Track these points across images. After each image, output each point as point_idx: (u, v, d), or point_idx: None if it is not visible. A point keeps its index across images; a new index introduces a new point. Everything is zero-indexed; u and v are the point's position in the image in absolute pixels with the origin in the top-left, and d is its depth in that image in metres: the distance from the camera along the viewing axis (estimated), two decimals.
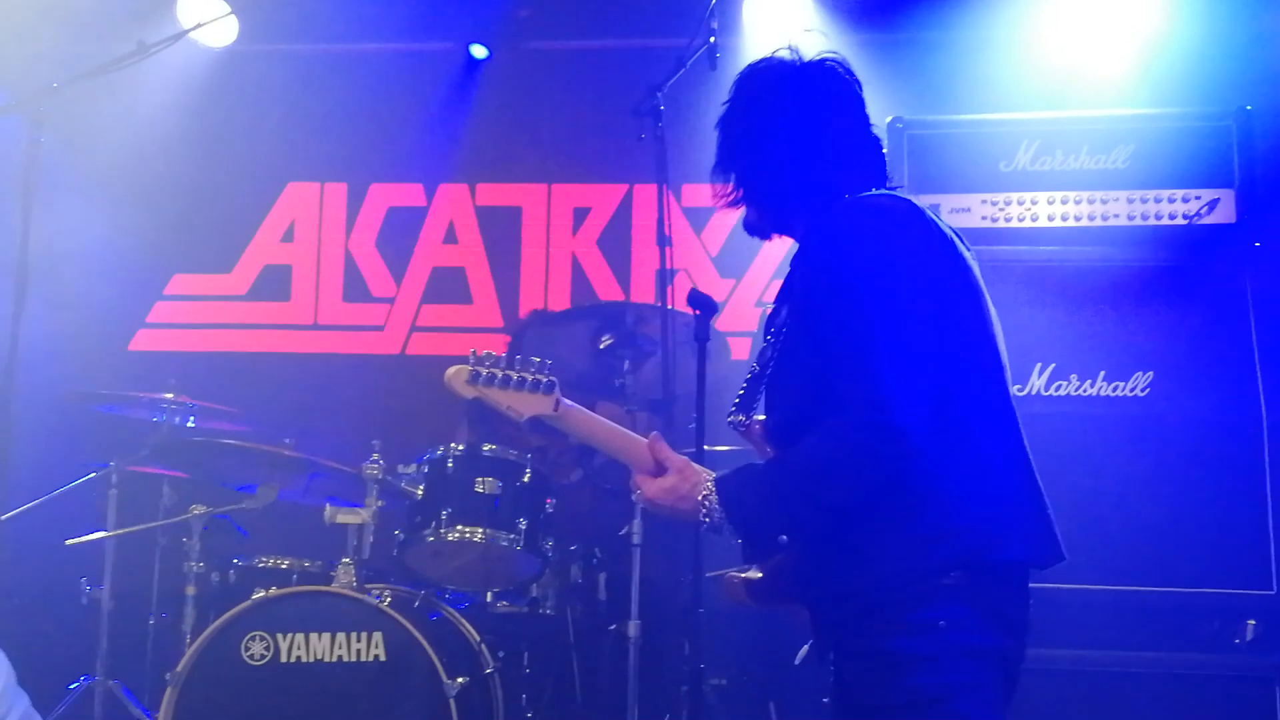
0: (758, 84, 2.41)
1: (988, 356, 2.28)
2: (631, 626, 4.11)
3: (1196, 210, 3.71)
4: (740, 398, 2.47)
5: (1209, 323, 3.60)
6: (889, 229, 2.22)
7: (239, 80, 5.86)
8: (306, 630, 3.69)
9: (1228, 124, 3.78)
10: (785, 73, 2.41)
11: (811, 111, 2.37)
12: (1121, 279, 3.66)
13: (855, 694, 2.23)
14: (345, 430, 5.01)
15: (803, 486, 2.17)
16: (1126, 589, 3.41)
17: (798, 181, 2.36)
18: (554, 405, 2.30)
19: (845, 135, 2.39)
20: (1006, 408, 2.28)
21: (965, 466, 2.17)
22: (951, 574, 2.14)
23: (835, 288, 2.20)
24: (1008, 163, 3.85)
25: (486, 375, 2.27)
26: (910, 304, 2.16)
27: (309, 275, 5.99)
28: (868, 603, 2.18)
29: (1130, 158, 3.80)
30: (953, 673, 2.14)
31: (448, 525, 4.12)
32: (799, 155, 2.35)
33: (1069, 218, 3.79)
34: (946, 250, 2.27)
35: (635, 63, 5.01)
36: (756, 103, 2.39)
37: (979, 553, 2.16)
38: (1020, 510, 2.23)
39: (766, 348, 2.42)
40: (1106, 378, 3.61)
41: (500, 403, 2.28)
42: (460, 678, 3.66)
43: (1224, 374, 3.55)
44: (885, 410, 2.10)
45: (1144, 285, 3.65)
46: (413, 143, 5.93)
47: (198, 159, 5.83)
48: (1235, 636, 3.48)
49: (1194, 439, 3.51)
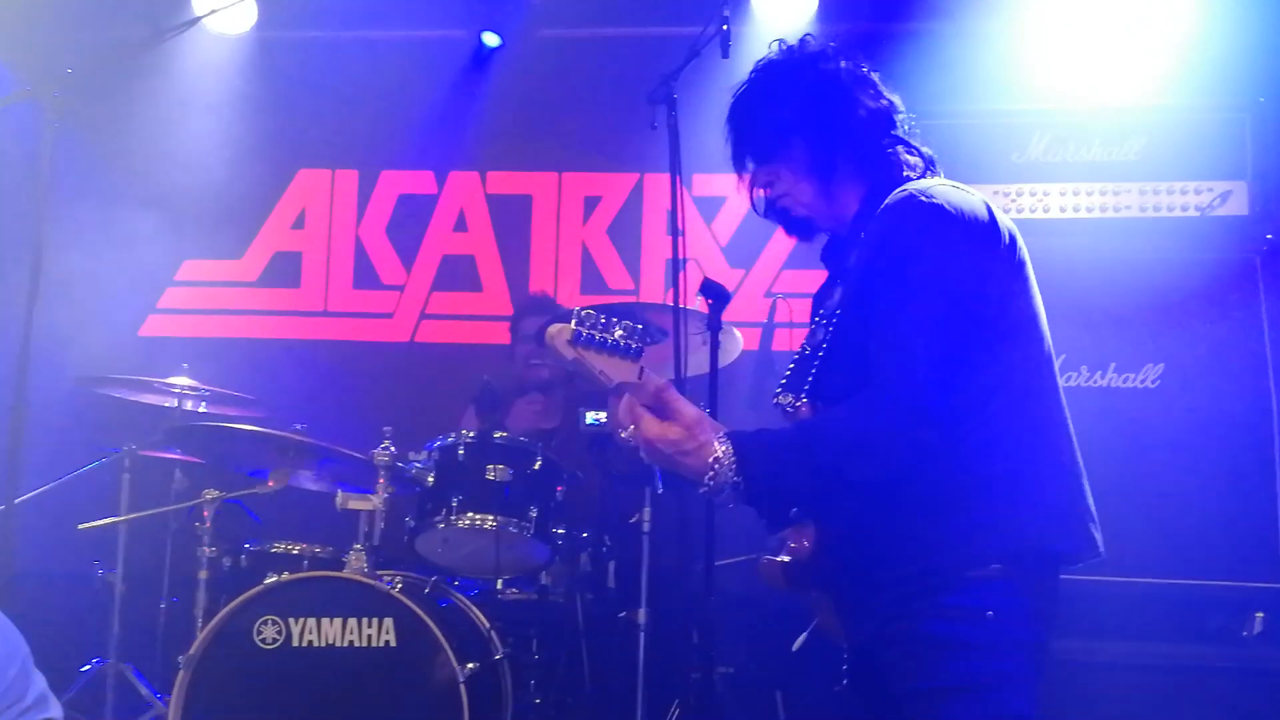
0: (793, 70, 2.38)
1: (1038, 350, 2.28)
2: (641, 614, 4.13)
3: (1209, 202, 3.70)
4: (788, 378, 2.42)
5: (1220, 315, 3.60)
6: (952, 219, 2.21)
7: (251, 67, 5.86)
8: (318, 615, 3.70)
9: (1241, 116, 3.77)
10: (819, 56, 2.39)
11: (858, 91, 2.37)
12: (1133, 270, 3.66)
13: (893, 680, 2.20)
14: (355, 417, 5.04)
15: (831, 459, 2.10)
16: (1136, 581, 3.42)
17: (855, 161, 2.34)
18: (639, 373, 2.16)
19: (886, 117, 2.39)
20: (1056, 401, 2.28)
21: (1015, 457, 2.16)
22: (994, 564, 2.14)
23: (891, 273, 2.18)
24: (1020, 154, 3.85)
25: (587, 336, 2.13)
26: (964, 295, 2.16)
27: (319, 262, 6.00)
28: (915, 587, 2.17)
29: (1142, 149, 3.79)
30: (1000, 661, 2.13)
31: (459, 512, 4.13)
32: (856, 133, 2.34)
33: (1081, 209, 3.79)
34: (1007, 244, 2.27)
35: (647, 51, 5.00)
36: (801, 87, 2.36)
37: (1026, 544, 2.16)
38: (1066, 505, 2.22)
39: (818, 329, 2.40)
40: (1117, 369, 3.61)
41: (595, 366, 2.13)
42: (470, 664, 3.67)
43: (1235, 366, 3.55)
44: (920, 392, 2.09)
45: (1155, 277, 3.65)
46: (424, 130, 5.93)
47: (209, 145, 5.84)
48: (1244, 629, 3.49)
49: (1204, 431, 3.51)
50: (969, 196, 2.28)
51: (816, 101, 2.35)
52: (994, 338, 2.19)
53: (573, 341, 2.13)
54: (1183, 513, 3.45)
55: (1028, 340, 2.26)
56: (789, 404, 2.40)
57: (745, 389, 4.88)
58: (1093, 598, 3.28)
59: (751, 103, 2.41)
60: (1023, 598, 2.15)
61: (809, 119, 2.35)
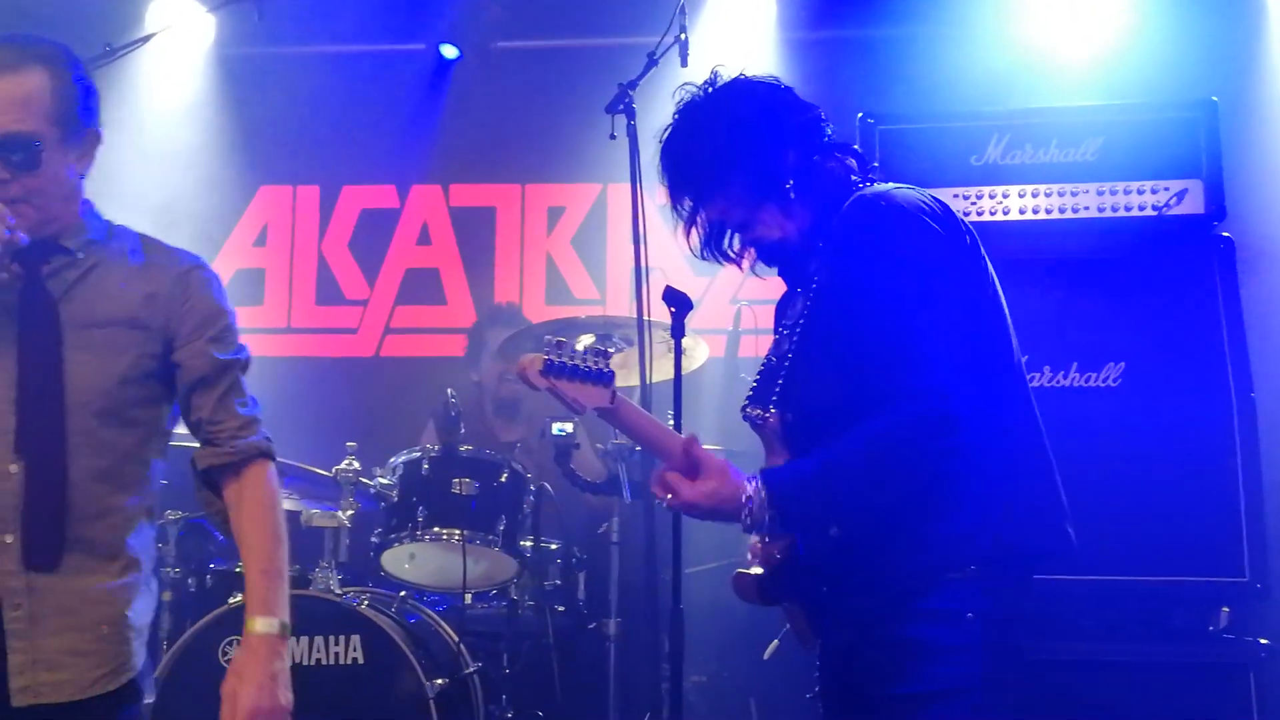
0: (716, 103, 2.38)
1: (1007, 346, 2.30)
2: (611, 625, 4.11)
3: (1165, 201, 3.73)
4: (755, 390, 2.43)
5: (1179, 312, 3.62)
6: (915, 220, 2.23)
7: (210, 84, 5.83)
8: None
9: (1195, 115, 3.80)
10: (736, 85, 2.40)
11: (782, 108, 2.39)
12: (1092, 270, 3.68)
13: (871, 685, 2.21)
14: (320, 433, 4.99)
15: (865, 479, 2.14)
16: (1101, 579, 3.43)
17: (799, 174, 2.35)
18: (610, 398, 2.25)
19: (815, 127, 2.40)
20: (1026, 397, 2.30)
21: (995, 456, 2.18)
22: (972, 566, 2.15)
23: (870, 280, 2.20)
24: (978, 156, 3.87)
25: (558, 365, 2.21)
26: (948, 295, 2.18)
27: (282, 279, 5.96)
28: (896, 592, 2.18)
29: (1099, 150, 3.81)
30: (979, 664, 2.14)
31: (425, 527, 4.12)
32: (792, 149, 2.35)
33: (1040, 210, 3.81)
34: (969, 244, 2.30)
35: (606, 60, 5.00)
36: (728, 118, 2.35)
37: (1004, 545, 2.18)
38: (1042, 502, 2.25)
39: (782, 340, 2.41)
40: (1079, 369, 3.63)
41: (567, 394, 2.22)
42: (440, 679, 3.65)
43: (1194, 363, 3.57)
44: (945, 400, 2.10)
45: (1114, 276, 3.66)
46: (385, 144, 5.92)
47: (169, 164, 5.79)
48: (1210, 624, 3.50)
49: (1166, 427, 3.52)
50: (922, 197, 2.30)
51: (747, 128, 2.34)
52: (978, 336, 2.22)
53: (545, 372, 2.18)
54: (1147, 509, 3.45)
55: (997, 336, 2.28)
56: (757, 416, 2.41)
57: (713, 395, 4.88)
58: (1058, 597, 3.29)
59: (683, 145, 2.38)
60: (1001, 599, 2.17)
61: (744, 147, 2.34)
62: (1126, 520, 3.47)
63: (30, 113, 2.31)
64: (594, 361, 2.23)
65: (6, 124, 2.28)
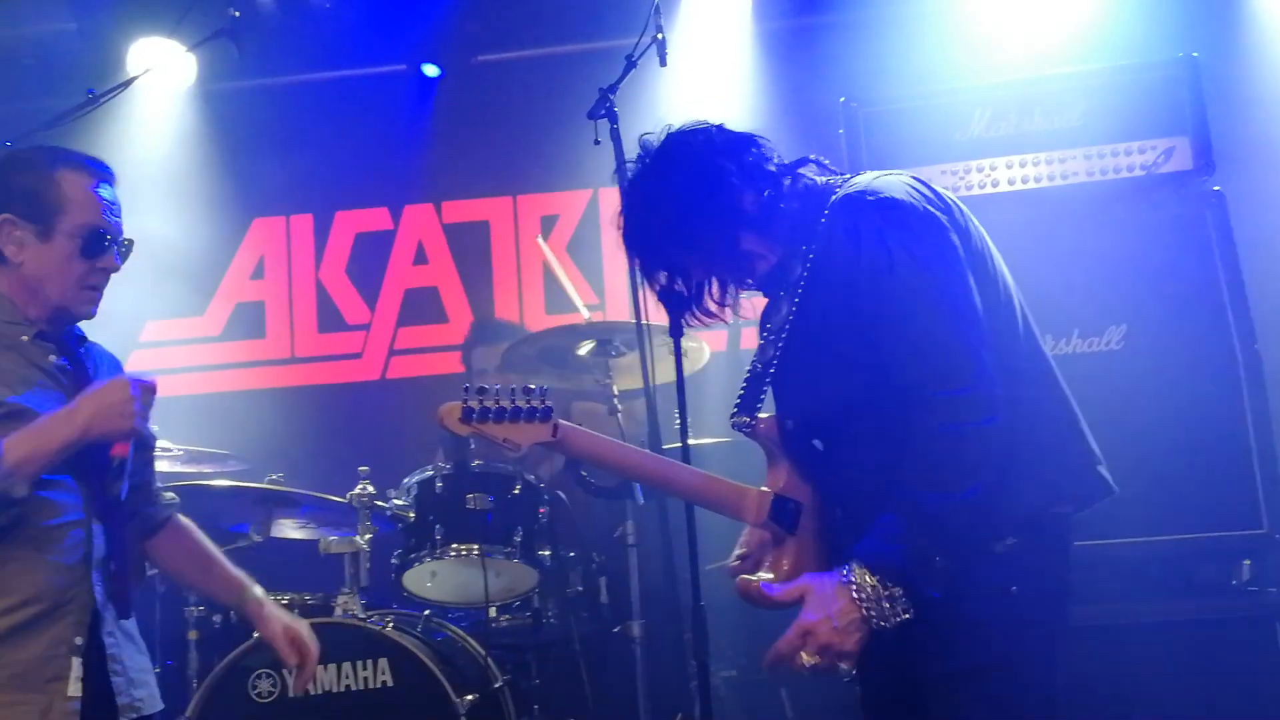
0: (670, 166, 2.34)
1: (1010, 310, 2.30)
2: (635, 627, 4.12)
3: (1153, 160, 3.73)
4: (742, 397, 2.42)
5: (1176, 269, 3.62)
6: (909, 208, 2.23)
7: (196, 121, 5.84)
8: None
9: (1177, 73, 3.80)
10: (683, 141, 2.36)
11: (735, 150, 2.35)
12: (1085, 235, 3.68)
13: (914, 663, 2.20)
14: (331, 460, 5.01)
15: (939, 494, 2.09)
16: (1120, 542, 3.43)
17: (771, 205, 2.33)
18: (552, 431, 2.25)
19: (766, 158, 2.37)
20: (1038, 350, 2.31)
21: (1020, 427, 2.16)
22: (1011, 538, 2.15)
23: (876, 272, 2.18)
24: (963, 131, 3.87)
25: (480, 410, 2.22)
26: (957, 276, 2.18)
27: (282, 309, 5.98)
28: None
29: (1083, 115, 3.82)
30: (1023, 639, 2.14)
31: (443, 545, 4.13)
32: (756, 183, 2.33)
33: (1029, 180, 3.82)
34: (962, 217, 2.30)
35: (586, 66, 5.00)
36: (684, 177, 2.32)
37: (1042, 508, 2.19)
38: (1074, 455, 2.25)
39: (767, 345, 2.39)
40: (1080, 335, 3.63)
41: (497, 436, 2.23)
42: (470, 694, 3.66)
43: (1195, 318, 3.57)
44: (978, 382, 2.10)
45: (1109, 239, 3.67)
46: (374, 167, 5.93)
47: (161, 204, 5.80)
48: (1232, 578, 3.50)
49: (1171, 386, 3.52)
50: (906, 180, 2.30)
51: (695, 183, 2.31)
52: (984, 310, 2.21)
53: (464, 419, 2.19)
54: (1160, 469, 3.45)
55: (998, 301, 2.27)
56: (745, 423, 2.41)
57: (719, 390, 4.88)
58: (1078, 563, 3.29)
59: (640, 224, 2.36)
60: (1045, 571, 2.17)
61: (699, 204, 2.30)
62: (1141, 482, 3.46)
63: None
64: (524, 400, 2.23)
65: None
